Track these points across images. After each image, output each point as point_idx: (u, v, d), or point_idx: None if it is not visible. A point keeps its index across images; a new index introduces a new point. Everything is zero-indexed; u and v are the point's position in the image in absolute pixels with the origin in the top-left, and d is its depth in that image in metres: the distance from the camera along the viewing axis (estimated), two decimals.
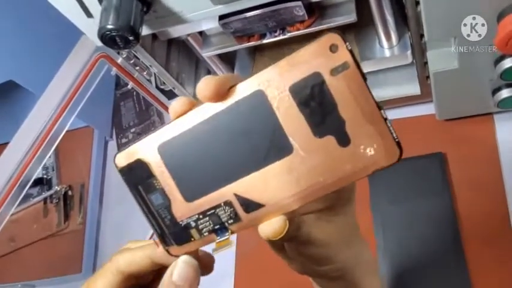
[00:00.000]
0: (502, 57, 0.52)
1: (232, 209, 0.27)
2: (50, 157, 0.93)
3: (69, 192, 0.89)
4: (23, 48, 0.77)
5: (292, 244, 0.30)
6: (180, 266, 0.28)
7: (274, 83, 0.24)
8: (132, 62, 0.61)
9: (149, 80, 0.65)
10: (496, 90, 0.58)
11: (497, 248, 0.57)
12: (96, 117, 0.93)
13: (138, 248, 0.30)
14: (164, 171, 0.27)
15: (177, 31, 0.60)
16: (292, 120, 0.24)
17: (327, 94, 0.23)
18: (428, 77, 0.61)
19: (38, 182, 0.92)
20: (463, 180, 0.62)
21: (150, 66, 0.63)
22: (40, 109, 0.63)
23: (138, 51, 0.60)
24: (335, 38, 0.23)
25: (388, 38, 0.62)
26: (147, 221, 0.29)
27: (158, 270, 0.32)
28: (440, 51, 0.56)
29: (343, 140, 0.24)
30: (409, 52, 0.62)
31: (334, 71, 0.23)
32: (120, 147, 0.93)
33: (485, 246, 0.58)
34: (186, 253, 0.29)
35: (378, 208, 0.63)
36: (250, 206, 0.26)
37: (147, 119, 0.92)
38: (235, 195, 0.26)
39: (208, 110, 0.25)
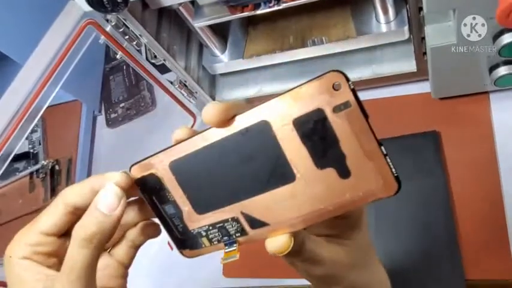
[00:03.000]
0: (501, 32, 0.51)
1: (239, 225, 0.29)
2: (36, 131, 0.91)
3: (56, 167, 0.87)
4: (7, 15, 0.74)
5: (303, 263, 0.30)
6: (104, 195, 0.28)
7: (279, 114, 0.25)
8: (121, 30, 0.58)
9: (139, 51, 0.63)
10: (493, 68, 0.57)
11: (490, 228, 0.56)
12: (85, 91, 0.91)
13: (86, 180, 0.30)
14: (176, 185, 0.29)
15: None
16: (295, 150, 0.25)
17: (329, 130, 0.24)
18: (425, 53, 0.60)
19: (24, 156, 0.91)
20: (457, 159, 0.62)
21: (140, 36, 0.61)
22: (22, 79, 0.60)
23: (128, 19, 0.57)
24: (339, 77, 0.23)
25: (385, 12, 0.61)
26: (163, 226, 0.31)
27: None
28: (438, 26, 0.54)
29: (344, 172, 0.25)
30: (406, 28, 0.60)
31: (336, 109, 0.24)
32: (109, 122, 0.91)
33: (478, 226, 0.57)
34: (197, 255, 0.32)
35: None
36: (255, 223, 0.28)
37: (137, 93, 0.90)
38: (242, 213, 0.28)
39: (216, 134, 0.27)
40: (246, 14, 0.58)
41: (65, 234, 0.31)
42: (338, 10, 0.66)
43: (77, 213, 0.30)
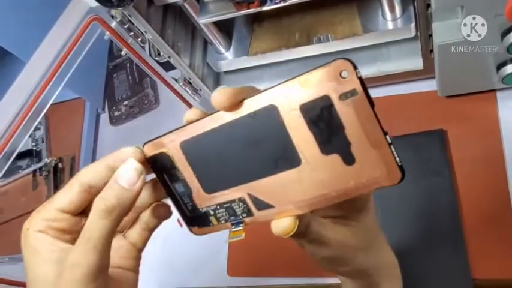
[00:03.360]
0: (509, 29, 0.50)
1: (245, 205, 0.29)
2: (40, 129, 0.91)
3: (60, 165, 0.87)
4: (12, 11, 0.74)
5: (310, 244, 0.31)
6: (125, 170, 0.29)
7: (286, 100, 0.25)
8: (126, 26, 0.58)
9: (143, 47, 0.62)
10: (501, 65, 0.56)
11: (497, 227, 0.56)
12: (88, 89, 0.91)
13: (100, 159, 0.31)
14: (186, 165, 0.30)
15: None
16: (301, 136, 0.25)
17: (335, 117, 0.24)
18: (432, 50, 0.59)
19: (28, 154, 0.90)
20: (463, 158, 0.61)
21: (145, 32, 0.61)
22: (25, 77, 0.60)
23: (133, 15, 0.57)
24: (346, 65, 0.23)
25: (392, 9, 0.60)
26: (173, 204, 0.32)
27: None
28: (446, 23, 0.54)
29: (348, 159, 0.25)
30: (412, 25, 0.60)
31: (342, 96, 0.24)
32: (112, 120, 0.91)
33: (485, 225, 0.57)
34: (206, 233, 0.32)
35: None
36: (261, 205, 0.28)
37: (141, 91, 0.90)
38: (249, 194, 0.29)
39: (226, 116, 0.27)
40: (251, 10, 0.58)
41: (80, 213, 0.31)
42: (344, 7, 0.66)
43: (92, 192, 0.30)
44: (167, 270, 0.73)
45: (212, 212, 0.31)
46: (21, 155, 0.90)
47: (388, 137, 0.24)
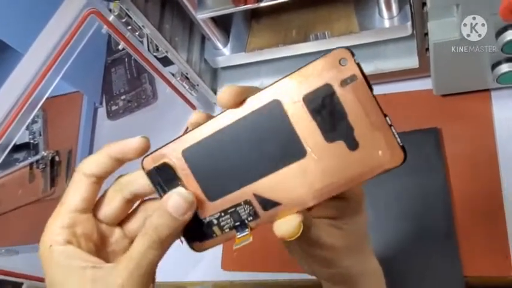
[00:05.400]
0: (504, 29, 0.51)
1: (251, 207, 0.29)
2: (37, 122, 0.91)
3: (56, 158, 0.87)
4: (10, 3, 0.74)
5: (302, 244, 0.31)
6: (177, 200, 0.28)
7: (289, 93, 0.26)
8: (124, 20, 0.58)
9: (141, 42, 0.62)
10: (496, 65, 0.57)
11: (489, 224, 0.56)
12: (86, 82, 0.91)
13: (100, 150, 0.31)
14: (188, 173, 0.29)
15: None
16: (305, 126, 0.26)
17: (337, 103, 0.25)
18: (427, 49, 0.60)
19: (25, 146, 0.90)
20: (458, 155, 0.62)
21: (143, 26, 0.61)
22: (23, 69, 0.60)
23: (131, 9, 0.57)
24: (344, 53, 0.25)
25: (389, 7, 0.61)
26: None
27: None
28: (442, 21, 0.54)
29: (352, 144, 0.26)
30: (409, 23, 0.60)
31: (343, 83, 0.25)
32: (110, 114, 0.91)
33: (477, 222, 0.57)
34: (208, 247, 0.31)
35: (369, 181, 0.62)
36: (268, 204, 0.28)
37: (138, 86, 0.90)
38: (254, 194, 0.28)
39: (228, 117, 0.27)
40: (249, 6, 0.58)
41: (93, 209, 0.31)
42: (341, 5, 0.66)
43: (100, 183, 0.30)
44: (162, 264, 0.73)
45: (216, 221, 0.30)
46: (18, 148, 0.90)
47: (388, 118, 0.25)
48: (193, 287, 0.71)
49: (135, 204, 0.33)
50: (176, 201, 0.28)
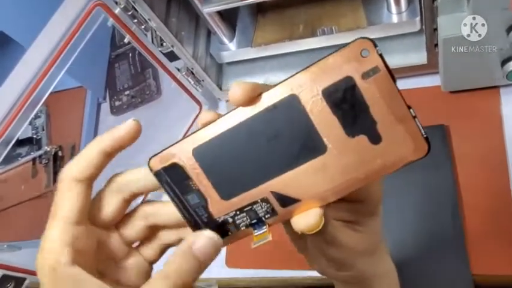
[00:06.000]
0: None
1: (268, 205, 0.28)
2: (40, 117, 0.90)
3: (59, 153, 0.87)
4: None
5: (317, 242, 0.31)
6: (203, 241, 0.27)
7: (307, 87, 0.25)
8: (130, 13, 0.57)
9: (146, 35, 0.62)
10: (505, 61, 0.56)
11: (497, 222, 0.56)
12: (90, 78, 0.90)
13: (88, 145, 0.29)
14: (200, 173, 0.28)
15: None
16: (325, 121, 0.25)
17: (359, 97, 0.24)
18: (436, 44, 0.59)
19: (28, 141, 0.90)
20: (466, 153, 0.61)
21: (149, 20, 0.60)
22: (26, 63, 0.59)
23: (137, 1, 0.57)
24: (366, 43, 0.24)
25: (397, 2, 0.60)
26: (184, 219, 0.29)
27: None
28: (452, 16, 0.53)
29: (375, 138, 0.25)
30: (417, 19, 0.60)
31: (365, 75, 0.24)
32: (113, 109, 0.90)
33: (485, 220, 0.57)
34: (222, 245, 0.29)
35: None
36: (286, 201, 0.27)
37: (142, 81, 0.90)
38: (272, 192, 0.27)
39: (241, 114, 0.26)
40: (255, 0, 0.57)
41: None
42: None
43: (91, 185, 0.28)
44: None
45: (231, 220, 0.29)
46: (21, 143, 0.89)
47: (412, 110, 0.24)
48: (197, 283, 0.71)
49: (134, 205, 0.31)
50: (205, 244, 0.27)
